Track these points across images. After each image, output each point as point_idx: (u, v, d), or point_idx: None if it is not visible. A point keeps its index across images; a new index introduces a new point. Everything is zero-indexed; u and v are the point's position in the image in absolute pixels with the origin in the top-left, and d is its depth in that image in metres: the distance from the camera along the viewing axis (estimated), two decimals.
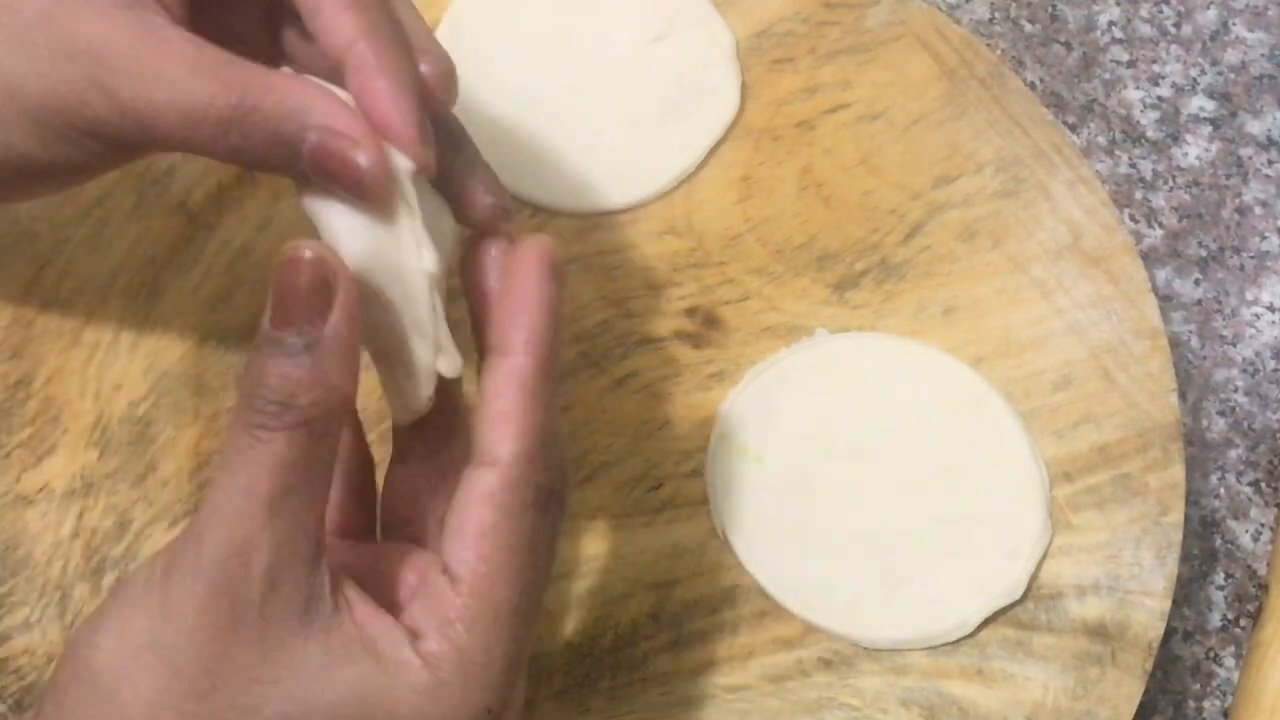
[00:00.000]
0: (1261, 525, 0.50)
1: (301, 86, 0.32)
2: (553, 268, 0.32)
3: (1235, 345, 0.53)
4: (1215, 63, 0.58)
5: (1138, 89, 0.57)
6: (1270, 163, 0.56)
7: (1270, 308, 0.53)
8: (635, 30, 0.52)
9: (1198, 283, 0.54)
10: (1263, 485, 0.50)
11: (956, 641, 0.43)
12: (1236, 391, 0.52)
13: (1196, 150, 0.56)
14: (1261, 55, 0.58)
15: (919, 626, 0.43)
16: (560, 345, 0.32)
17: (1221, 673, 0.47)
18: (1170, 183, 0.55)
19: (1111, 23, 0.59)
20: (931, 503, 0.45)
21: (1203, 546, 0.49)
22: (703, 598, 0.44)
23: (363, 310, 0.31)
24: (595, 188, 0.49)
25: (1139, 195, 0.55)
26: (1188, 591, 0.48)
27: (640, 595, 0.43)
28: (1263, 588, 0.48)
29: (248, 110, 0.32)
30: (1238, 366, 0.52)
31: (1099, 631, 0.43)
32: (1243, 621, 0.48)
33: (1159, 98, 0.57)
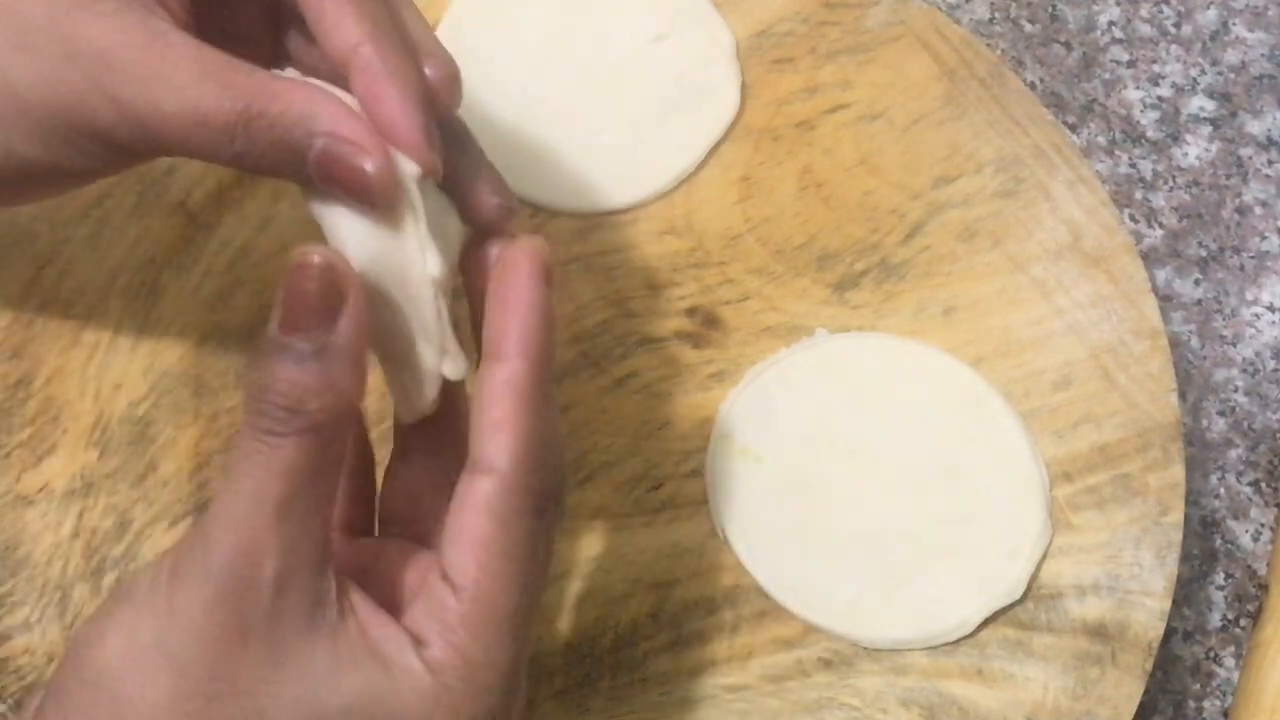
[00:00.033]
0: (1261, 525, 0.50)
1: (307, 92, 0.32)
2: (544, 271, 0.32)
3: (1235, 345, 0.53)
4: (1215, 63, 0.58)
5: (1138, 89, 0.57)
6: (1270, 163, 0.56)
7: (1270, 308, 0.53)
8: (635, 30, 0.52)
9: (1198, 283, 0.54)
10: (1263, 485, 0.50)
11: (956, 641, 0.43)
12: (1236, 391, 0.52)
13: (1196, 150, 0.56)
14: (1261, 55, 0.58)
15: (919, 626, 0.43)
16: (554, 349, 0.32)
17: (1221, 673, 0.47)
18: (1170, 183, 0.55)
19: (1111, 23, 0.59)
20: (931, 503, 0.45)
21: (1203, 546, 0.49)
22: (703, 598, 0.44)
23: (370, 313, 0.31)
24: (595, 188, 0.49)
25: (1139, 195, 0.55)
26: (1188, 591, 0.48)
27: (640, 595, 0.43)
28: (1263, 588, 0.48)
29: (253, 116, 0.32)
30: (1238, 366, 0.52)
31: (1099, 631, 0.43)
32: (1243, 621, 0.48)
33: (1159, 98, 0.57)
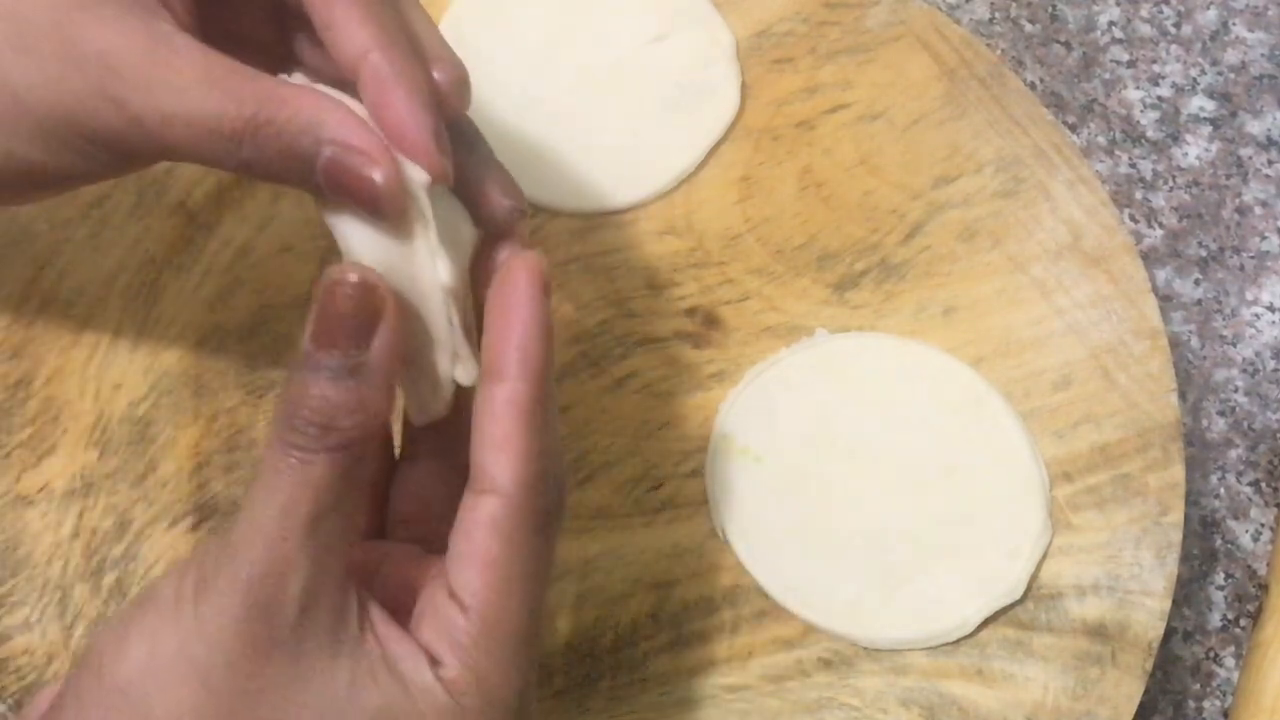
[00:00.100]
0: (1261, 525, 0.50)
1: (316, 99, 0.32)
2: (543, 285, 0.32)
3: (1235, 345, 0.53)
4: (1215, 63, 0.58)
5: (1138, 89, 0.57)
6: (1270, 163, 0.56)
7: (1270, 308, 0.53)
8: (635, 30, 0.52)
9: (1198, 283, 0.54)
10: (1263, 485, 0.50)
11: (956, 641, 0.43)
12: (1236, 391, 0.52)
13: (1196, 150, 0.56)
14: (1261, 55, 0.58)
15: (919, 626, 0.43)
16: (552, 362, 0.32)
17: (1221, 673, 0.47)
18: (1170, 183, 0.55)
19: (1111, 23, 0.59)
20: (931, 503, 0.45)
21: (1203, 546, 0.49)
22: (703, 598, 0.44)
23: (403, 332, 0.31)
24: (595, 188, 0.49)
25: (1139, 195, 0.55)
26: (1188, 591, 0.48)
27: (640, 595, 0.43)
28: (1263, 588, 0.48)
29: (261, 124, 0.31)
30: (1238, 366, 0.52)
31: (1099, 631, 0.43)
32: (1243, 621, 0.48)
33: (1159, 98, 0.57)
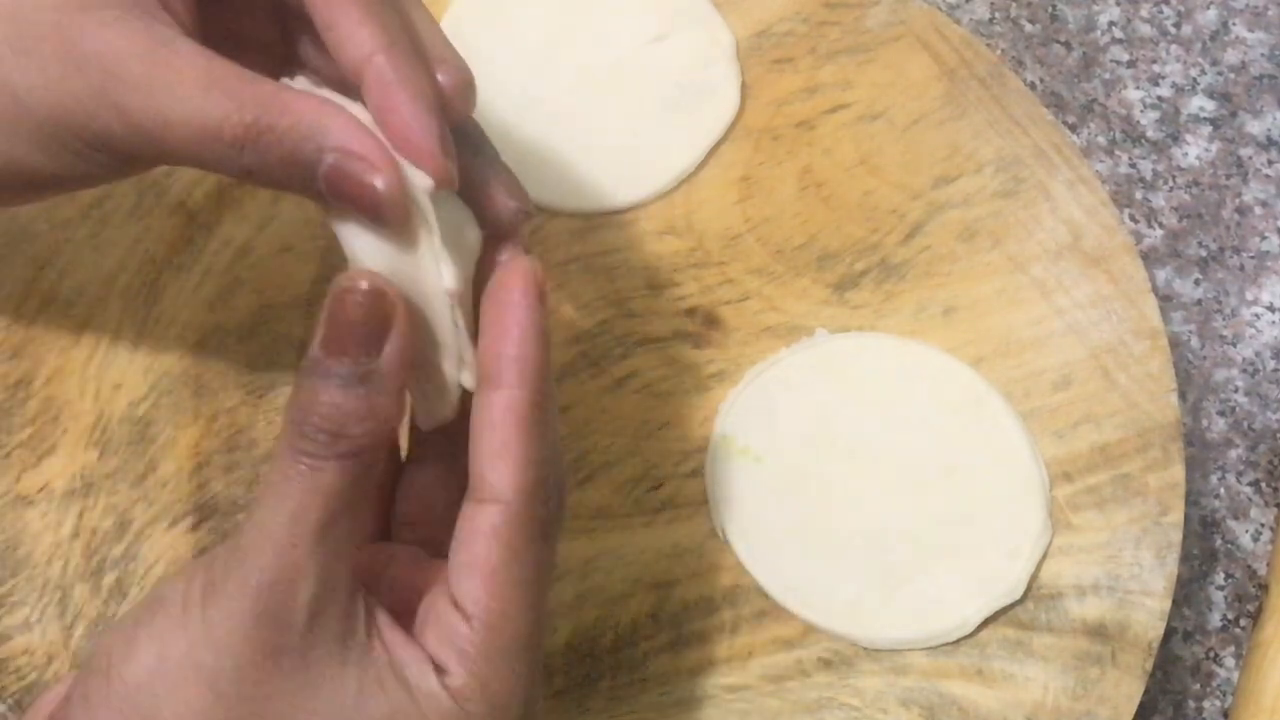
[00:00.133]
0: (1261, 525, 0.50)
1: (318, 105, 0.32)
2: (538, 292, 0.32)
3: (1235, 345, 0.53)
4: (1215, 63, 0.58)
5: (1138, 89, 0.57)
6: (1270, 163, 0.56)
7: (1270, 308, 0.53)
8: (635, 30, 0.52)
9: (1198, 283, 0.54)
10: (1263, 485, 0.50)
11: (956, 641, 0.43)
12: (1236, 391, 0.52)
13: (1196, 150, 0.56)
14: (1261, 55, 0.58)
15: (919, 626, 0.43)
16: (549, 367, 0.32)
17: (1221, 673, 0.47)
18: (1170, 183, 0.55)
19: (1111, 23, 0.59)
20: (931, 503, 0.45)
21: (1203, 546, 0.49)
22: (703, 598, 0.44)
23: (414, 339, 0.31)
24: (595, 188, 0.49)
25: (1139, 195, 0.55)
26: (1188, 591, 0.48)
27: (640, 595, 0.43)
28: (1263, 588, 0.48)
29: (262, 130, 0.31)
30: (1238, 366, 0.52)
31: (1099, 631, 0.43)
32: (1243, 621, 0.48)
33: (1159, 98, 0.57)
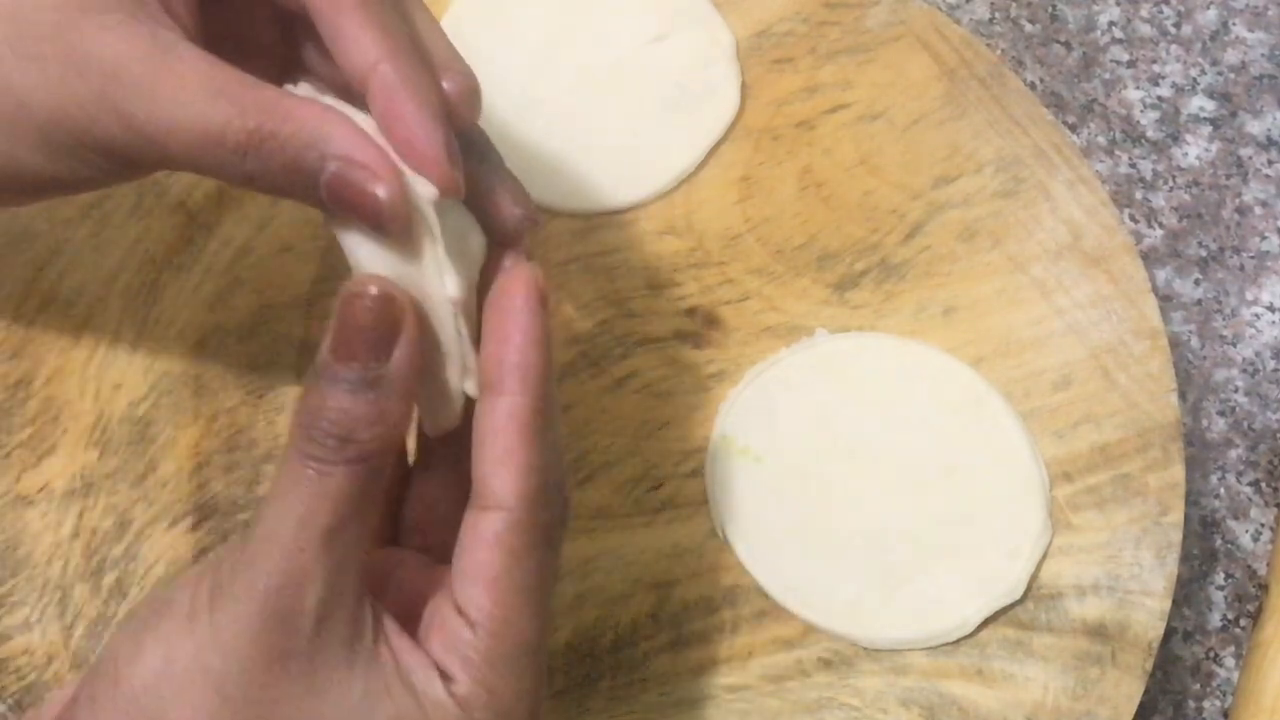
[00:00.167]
0: (1261, 525, 0.50)
1: (320, 112, 0.31)
2: (539, 298, 0.31)
3: (1235, 345, 0.53)
4: (1215, 63, 0.58)
5: (1138, 89, 0.57)
6: (1270, 163, 0.56)
7: (1270, 308, 0.53)
8: (635, 30, 0.52)
9: (1198, 283, 0.54)
10: (1263, 485, 0.50)
11: (956, 641, 0.43)
12: (1236, 391, 0.52)
13: (1196, 150, 0.56)
14: (1261, 55, 0.58)
15: (919, 626, 0.43)
16: (552, 373, 0.32)
17: (1221, 673, 0.47)
18: (1170, 183, 0.55)
19: (1111, 23, 0.59)
20: (931, 503, 0.45)
21: (1203, 546, 0.49)
22: (703, 598, 0.44)
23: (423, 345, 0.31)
24: (595, 188, 0.49)
25: (1139, 195, 0.55)
26: (1188, 591, 0.48)
27: (640, 595, 0.43)
28: (1263, 588, 0.48)
29: (265, 137, 0.31)
30: (1238, 366, 0.52)
31: (1099, 631, 0.43)
32: (1243, 621, 0.48)
33: (1159, 98, 0.57)
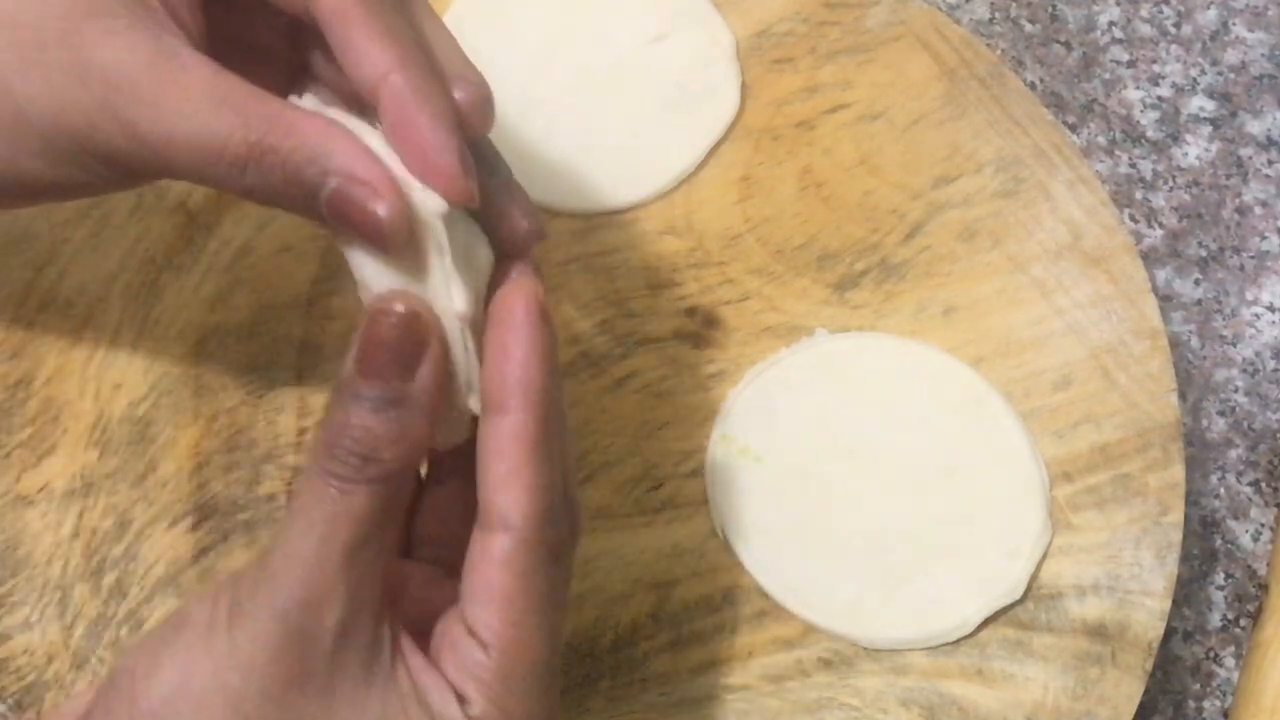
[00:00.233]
0: (1261, 525, 0.50)
1: (323, 127, 0.31)
2: (541, 313, 0.31)
3: (1235, 345, 0.53)
4: (1215, 63, 0.58)
5: (1138, 89, 0.57)
6: (1270, 163, 0.56)
7: (1270, 308, 0.53)
8: (635, 30, 0.52)
9: (1198, 283, 0.54)
10: (1263, 485, 0.50)
11: (956, 641, 0.43)
12: (1236, 391, 0.52)
13: (1196, 150, 0.56)
14: (1261, 55, 0.58)
15: (919, 626, 0.43)
16: (557, 389, 0.31)
17: (1221, 673, 0.47)
18: (1170, 183, 0.55)
19: (1111, 23, 0.59)
20: (931, 503, 0.45)
21: (1203, 546, 0.49)
22: (703, 598, 0.44)
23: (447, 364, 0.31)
24: (595, 188, 0.49)
25: (1139, 195, 0.55)
26: (1188, 591, 0.48)
27: (640, 595, 0.43)
28: (1263, 588, 0.48)
29: (266, 150, 0.31)
30: (1238, 366, 0.52)
31: (1099, 631, 0.43)
32: (1243, 621, 0.48)
33: (1159, 98, 0.57)
